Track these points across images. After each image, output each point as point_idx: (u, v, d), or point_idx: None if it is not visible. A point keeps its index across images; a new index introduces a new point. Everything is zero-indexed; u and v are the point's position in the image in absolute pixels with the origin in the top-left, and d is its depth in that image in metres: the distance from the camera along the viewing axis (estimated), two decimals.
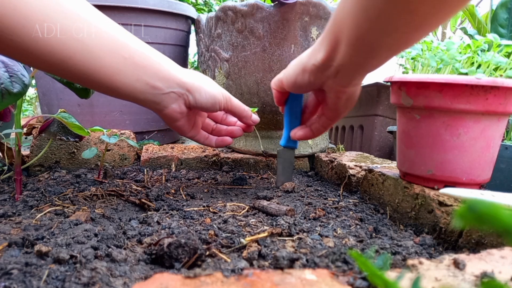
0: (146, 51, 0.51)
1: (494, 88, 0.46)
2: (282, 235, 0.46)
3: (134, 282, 0.35)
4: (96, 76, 0.47)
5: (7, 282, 0.33)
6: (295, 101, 0.63)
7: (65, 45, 0.44)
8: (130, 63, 0.49)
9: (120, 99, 0.52)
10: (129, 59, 0.49)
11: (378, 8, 0.34)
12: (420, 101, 0.50)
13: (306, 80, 0.50)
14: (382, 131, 1.15)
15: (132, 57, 0.49)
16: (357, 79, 0.47)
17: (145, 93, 0.51)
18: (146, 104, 0.53)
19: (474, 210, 0.14)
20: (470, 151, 0.49)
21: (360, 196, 0.67)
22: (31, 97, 2.47)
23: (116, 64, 0.48)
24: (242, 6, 0.76)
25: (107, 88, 0.49)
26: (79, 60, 0.45)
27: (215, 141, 0.66)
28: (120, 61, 0.48)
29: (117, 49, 0.48)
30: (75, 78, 0.48)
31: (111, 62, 0.47)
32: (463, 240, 0.43)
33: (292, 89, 0.55)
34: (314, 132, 0.60)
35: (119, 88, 0.49)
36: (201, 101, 0.56)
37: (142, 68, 0.50)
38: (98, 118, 0.99)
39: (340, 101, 0.51)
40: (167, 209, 0.58)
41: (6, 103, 0.53)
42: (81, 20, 0.45)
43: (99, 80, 0.47)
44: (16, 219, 0.51)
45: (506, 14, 1.13)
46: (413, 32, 0.36)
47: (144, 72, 0.50)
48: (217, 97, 0.57)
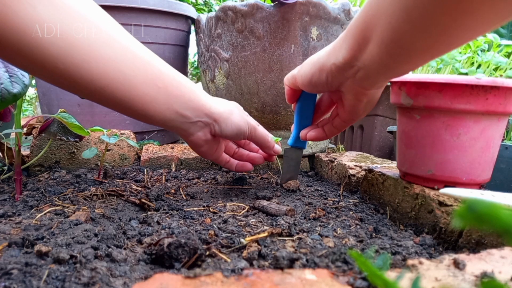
0: (178, 78, 0.52)
1: (494, 88, 0.46)
2: (282, 235, 0.46)
3: (134, 282, 0.35)
4: (131, 104, 0.48)
5: (7, 282, 0.33)
6: (307, 100, 0.60)
7: (106, 73, 0.44)
8: (163, 92, 0.50)
9: (148, 123, 0.53)
10: (163, 89, 0.49)
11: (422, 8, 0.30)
12: (420, 101, 0.50)
13: (323, 80, 0.47)
14: (382, 131, 1.15)
15: (166, 86, 0.50)
16: (382, 81, 0.44)
17: (174, 121, 0.53)
18: (173, 129, 0.55)
19: (474, 210, 0.14)
20: (470, 151, 0.49)
21: (360, 196, 0.67)
22: (31, 97, 2.47)
23: (150, 93, 0.48)
24: (242, 6, 0.76)
25: (139, 115, 0.50)
26: (117, 89, 0.46)
27: (236, 166, 0.67)
28: (154, 90, 0.49)
29: (152, 78, 0.48)
30: (111, 105, 0.48)
31: (146, 92, 0.48)
32: (463, 240, 0.43)
33: (306, 88, 0.52)
34: (327, 133, 0.58)
35: (152, 116, 0.50)
36: (226, 131, 0.57)
37: (174, 97, 0.51)
38: (98, 118, 0.99)
39: (360, 103, 0.48)
40: (167, 209, 0.58)
41: (6, 103, 0.53)
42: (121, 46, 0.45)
43: (134, 108, 0.48)
44: (16, 219, 0.51)
45: None
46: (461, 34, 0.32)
47: (175, 101, 0.51)
48: (242, 128, 0.58)
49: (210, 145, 0.59)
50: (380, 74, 0.41)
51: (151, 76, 0.48)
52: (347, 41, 0.41)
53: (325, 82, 0.47)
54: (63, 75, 0.43)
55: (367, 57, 0.40)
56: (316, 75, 0.48)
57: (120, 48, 0.45)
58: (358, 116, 0.51)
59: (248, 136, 0.60)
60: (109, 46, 0.44)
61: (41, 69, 0.42)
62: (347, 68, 0.43)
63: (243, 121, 0.59)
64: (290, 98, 0.60)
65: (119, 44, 0.45)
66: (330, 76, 0.46)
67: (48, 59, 0.41)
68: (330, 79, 0.46)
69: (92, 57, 0.43)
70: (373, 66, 0.40)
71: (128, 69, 0.46)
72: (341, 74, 0.44)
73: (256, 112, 0.84)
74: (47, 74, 0.43)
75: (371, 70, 0.41)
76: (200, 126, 0.55)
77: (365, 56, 0.40)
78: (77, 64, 0.42)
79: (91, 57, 0.43)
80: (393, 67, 0.39)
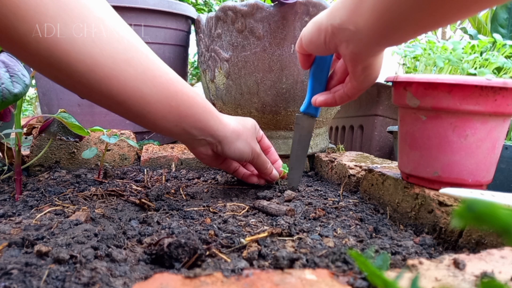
0: (192, 98, 0.54)
1: (502, 89, 0.46)
2: (282, 235, 0.46)
3: (134, 282, 0.35)
4: (143, 119, 0.51)
5: (7, 282, 0.33)
6: (320, 65, 0.58)
7: (125, 91, 0.47)
8: (174, 111, 0.52)
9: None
10: (175, 108, 0.52)
11: None
12: (427, 101, 0.49)
13: (321, 40, 0.47)
14: (382, 131, 1.15)
15: (178, 106, 0.52)
16: (375, 49, 0.44)
17: (180, 135, 0.56)
18: (178, 140, 0.58)
19: (473, 210, 0.14)
20: (477, 152, 0.49)
21: (360, 196, 0.67)
22: (31, 97, 2.47)
23: (162, 111, 0.51)
24: (242, 6, 0.76)
25: (148, 126, 0.54)
26: (134, 105, 0.48)
27: (243, 175, 0.69)
28: (166, 109, 0.51)
29: (167, 97, 0.51)
30: (126, 116, 0.51)
31: (158, 109, 0.51)
32: (463, 240, 0.43)
33: (309, 49, 0.52)
34: (337, 99, 0.55)
35: (160, 130, 0.54)
36: (228, 154, 0.60)
37: (184, 117, 0.53)
38: (98, 118, 0.99)
39: (356, 69, 0.47)
40: (167, 209, 0.58)
41: (7, 103, 0.53)
42: (142, 66, 0.48)
43: (145, 121, 0.52)
44: (16, 219, 0.51)
45: (506, 14, 1.13)
46: (453, 10, 0.33)
47: (184, 121, 0.53)
48: (244, 154, 0.61)
49: (212, 159, 0.62)
50: (372, 40, 0.41)
51: (166, 95, 0.50)
52: (345, 2, 0.42)
53: (323, 43, 0.47)
54: (86, 88, 0.46)
55: (361, 21, 0.40)
56: (316, 35, 0.48)
57: (141, 67, 0.48)
58: (359, 82, 0.50)
59: (250, 161, 0.63)
60: (131, 65, 0.46)
61: (61, 76, 0.45)
62: (342, 30, 0.43)
63: (248, 147, 0.61)
64: (303, 63, 0.59)
65: (140, 63, 0.48)
66: (328, 37, 0.46)
67: (73, 74, 0.43)
68: (328, 39, 0.46)
69: (114, 74, 0.45)
70: (365, 31, 0.40)
71: (146, 88, 0.48)
72: (337, 36, 0.45)
73: (256, 112, 0.84)
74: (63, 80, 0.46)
75: (364, 35, 0.41)
76: (203, 143, 0.58)
77: (359, 19, 0.40)
78: (99, 80, 0.45)
79: (113, 74, 0.45)
80: (385, 34, 0.39)
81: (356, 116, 1.26)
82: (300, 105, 0.66)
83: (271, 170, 0.67)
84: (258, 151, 0.63)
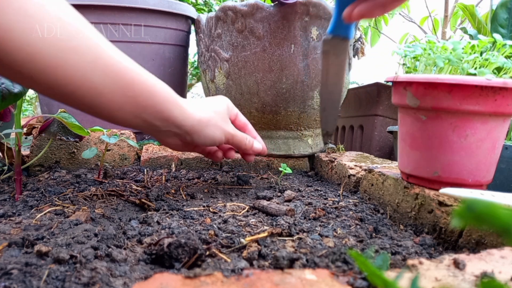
0: (152, 87, 0.51)
1: (502, 89, 0.46)
2: (282, 235, 0.46)
3: (134, 282, 0.35)
4: (97, 110, 0.48)
5: (7, 282, 0.33)
6: None
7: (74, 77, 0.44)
8: (132, 101, 0.49)
9: None
10: (132, 98, 0.49)
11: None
12: (427, 101, 0.49)
13: None
14: (382, 131, 1.15)
15: (136, 96, 0.49)
16: None
17: (142, 127, 0.52)
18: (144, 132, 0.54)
19: (473, 209, 0.14)
20: (477, 152, 0.49)
21: (360, 196, 0.67)
22: (31, 97, 2.47)
23: (118, 101, 0.48)
24: (242, 6, 0.76)
25: (105, 118, 0.50)
26: (84, 96, 0.45)
27: (220, 155, 0.67)
28: (122, 99, 0.48)
29: (122, 87, 0.47)
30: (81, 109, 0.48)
31: (113, 100, 0.47)
32: (463, 240, 0.43)
33: None
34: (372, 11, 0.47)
35: (118, 122, 0.50)
36: (198, 142, 0.57)
37: (143, 107, 0.50)
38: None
39: None
40: (167, 209, 0.58)
41: (7, 103, 0.53)
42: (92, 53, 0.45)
43: (99, 112, 0.48)
44: (16, 219, 0.51)
45: (506, 14, 1.13)
46: None
47: (144, 111, 0.50)
48: (216, 139, 0.59)
49: (183, 147, 0.60)
50: None
51: (120, 85, 0.47)
52: None
53: None
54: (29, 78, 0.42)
55: None
56: None
57: (91, 55, 0.44)
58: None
59: (225, 143, 0.61)
60: (78, 54, 0.43)
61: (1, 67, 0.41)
62: None
63: (219, 131, 0.58)
64: None
65: (89, 52, 0.44)
66: None
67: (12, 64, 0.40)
68: None
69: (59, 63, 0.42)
70: None
71: (97, 77, 0.45)
72: None
73: (256, 112, 0.84)
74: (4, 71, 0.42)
75: None
76: (170, 135, 0.56)
77: None
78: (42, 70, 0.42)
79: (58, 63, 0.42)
80: None
81: (356, 116, 1.26)
82: (300, 105, 0.65)
83: (251, 143, 0.64)
84: (232, 132, 0.61)
